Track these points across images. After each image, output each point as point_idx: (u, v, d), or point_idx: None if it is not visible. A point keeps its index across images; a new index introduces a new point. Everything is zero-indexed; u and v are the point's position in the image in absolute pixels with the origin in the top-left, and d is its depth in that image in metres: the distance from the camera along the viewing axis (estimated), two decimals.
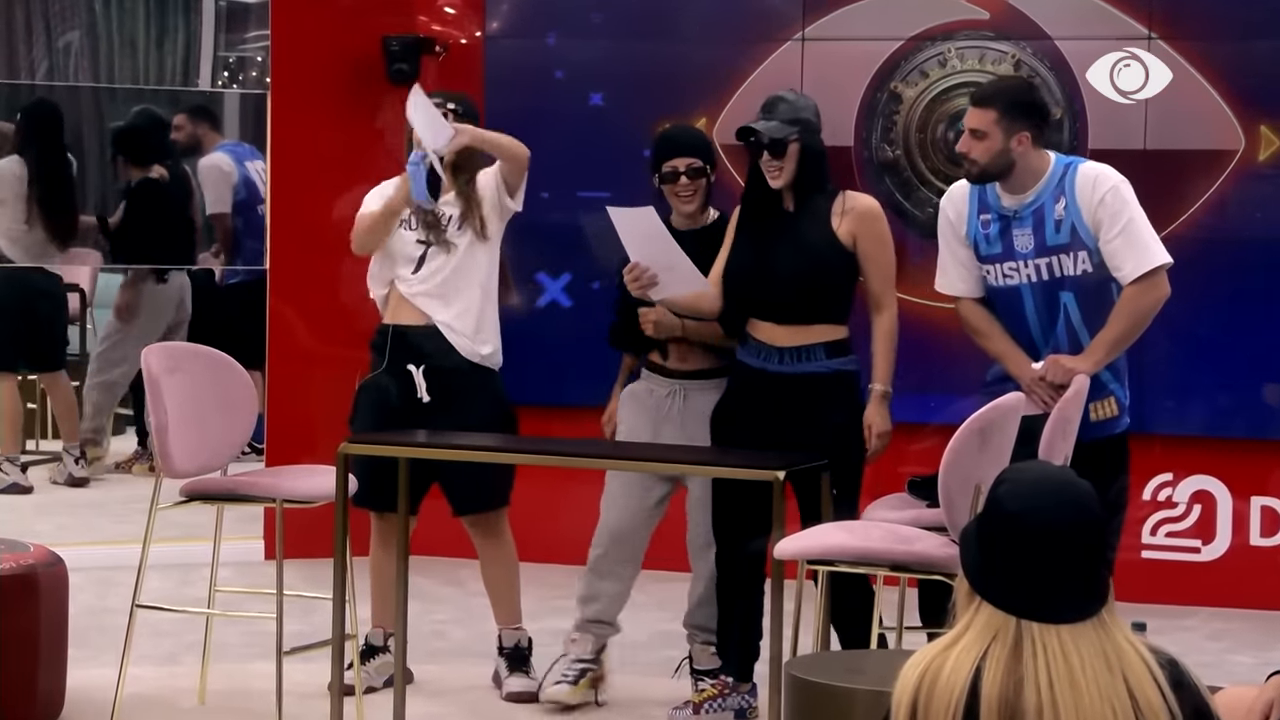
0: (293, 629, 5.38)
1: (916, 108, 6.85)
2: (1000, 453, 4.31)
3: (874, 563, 4.43)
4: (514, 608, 5.49)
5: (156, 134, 8.86)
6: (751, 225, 5.05)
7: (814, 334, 4.96)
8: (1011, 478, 2.33)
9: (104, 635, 5.76)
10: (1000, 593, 2.26)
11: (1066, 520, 2.26)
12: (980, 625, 2.26)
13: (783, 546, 4.41)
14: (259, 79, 9.71)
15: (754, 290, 5.01)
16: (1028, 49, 6.68)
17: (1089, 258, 4.79)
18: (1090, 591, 2.27)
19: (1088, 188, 4.78)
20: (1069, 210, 4.79)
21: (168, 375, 5.00)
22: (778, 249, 4.97)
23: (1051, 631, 2.23)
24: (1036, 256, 4.83)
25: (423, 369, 5.33)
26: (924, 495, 4.73)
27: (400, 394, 5.34)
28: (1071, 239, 4.80)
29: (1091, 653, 2.23)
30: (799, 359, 4.96)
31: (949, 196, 5.02)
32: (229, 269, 9.09)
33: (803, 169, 4.94)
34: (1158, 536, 6.76)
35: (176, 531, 6.19)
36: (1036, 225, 4.82)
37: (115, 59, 10.21)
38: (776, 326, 4.98)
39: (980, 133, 4.79)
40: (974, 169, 4.83)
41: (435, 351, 5.33)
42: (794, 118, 4.96)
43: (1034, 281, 4.84)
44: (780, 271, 4.95)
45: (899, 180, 6.87)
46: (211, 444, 5.09)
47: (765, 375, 4.98)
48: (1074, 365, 4.75)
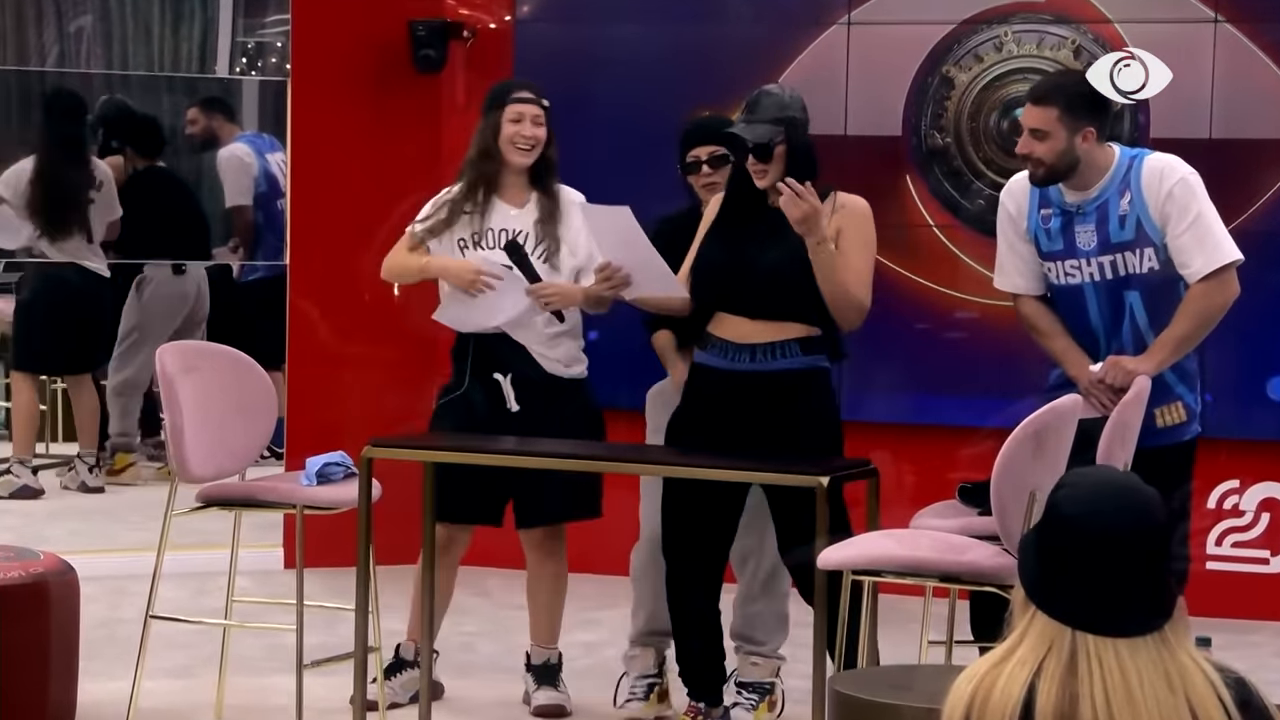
0: (314, 641, 5.40)
1: (969, 94, 6.84)
2: (1056, 458, 4.30)
3: (923, 573, 4.43)
4: (554, 628, 5.50)
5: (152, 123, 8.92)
6: (732, 221, 5.03)
7: (789, 330, 4.95)
8: (1071, 482, 2.33)
9: (116, 647, 5.80)
10: (1056, 602, 2.26)
11: (1128, 527, 2.26)
12: (1035, 637, 2.26)
13: (826, 556, 4.42)
14: (279, 65, 9.75)
15: (728, 284, 4.98)
16: (1088, 34, 6.67)
17: (1155, 255, 4.78)
18: (1152, 604, 2.26)
19: (1154, 181, 4.76)
20: (1134, 205, 4.77)
21: (183, 375, 5.03)
22: (759, 244, 4.95)
23: (1108, 646, 2.23)
24: (1100, 254, 4.81)
25: (510, 377, 5.31)
26: (975, 502, 4.72)
27: (487, 404, 5.32)
28: (1137, 235, 4.78)
29: (1151, 670, 2.22)
30: (771, 356, 4.94)
31: (1008, 190, 5.00)
32: (248, 265, 9.14)
33: (792, 169, 4.91)
34: (1223, 547, 6.73)
35: (192, 539, 6.23)
36: (1100, 221, 4.80)
37: (129, 45, 10.26)
38: (749, 322, 4.95)
39: (1042, 132, 4.76)
40: (1039, 170, 4.79)
41: (522, 362, 5.31)
42: (779, 116, 4.93)
43: (1097, 280, 4.82)
44: (760, 265, 4.93)
45: (948, 169, 6.86)
46: (229, 447, 5.12)
47: (732, 376, 4.95)
48: (1135, 366, 4.74)
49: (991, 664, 2.28)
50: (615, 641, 6.13)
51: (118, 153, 8.78)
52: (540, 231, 5.29)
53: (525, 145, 5.28)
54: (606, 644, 6.14)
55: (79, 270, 8.45)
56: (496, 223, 5.31)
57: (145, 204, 8.68)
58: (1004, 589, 4.29)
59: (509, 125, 5.28)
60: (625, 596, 5.57)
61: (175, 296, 8.78)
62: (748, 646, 5.33)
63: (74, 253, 8.41)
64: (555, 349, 5.32)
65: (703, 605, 5.10)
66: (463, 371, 5.36)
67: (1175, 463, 4.84)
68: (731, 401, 4.94)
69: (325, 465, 5.11)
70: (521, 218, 5.32)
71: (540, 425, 5.26)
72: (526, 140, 5.28)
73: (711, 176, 5.27)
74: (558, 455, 5.09)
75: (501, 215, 5.32)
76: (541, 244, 5.29)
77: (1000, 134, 6.77)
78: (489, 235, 5.31)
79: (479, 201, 5.31)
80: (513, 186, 5.34)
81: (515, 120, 5.28)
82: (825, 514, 4.50)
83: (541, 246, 5.29)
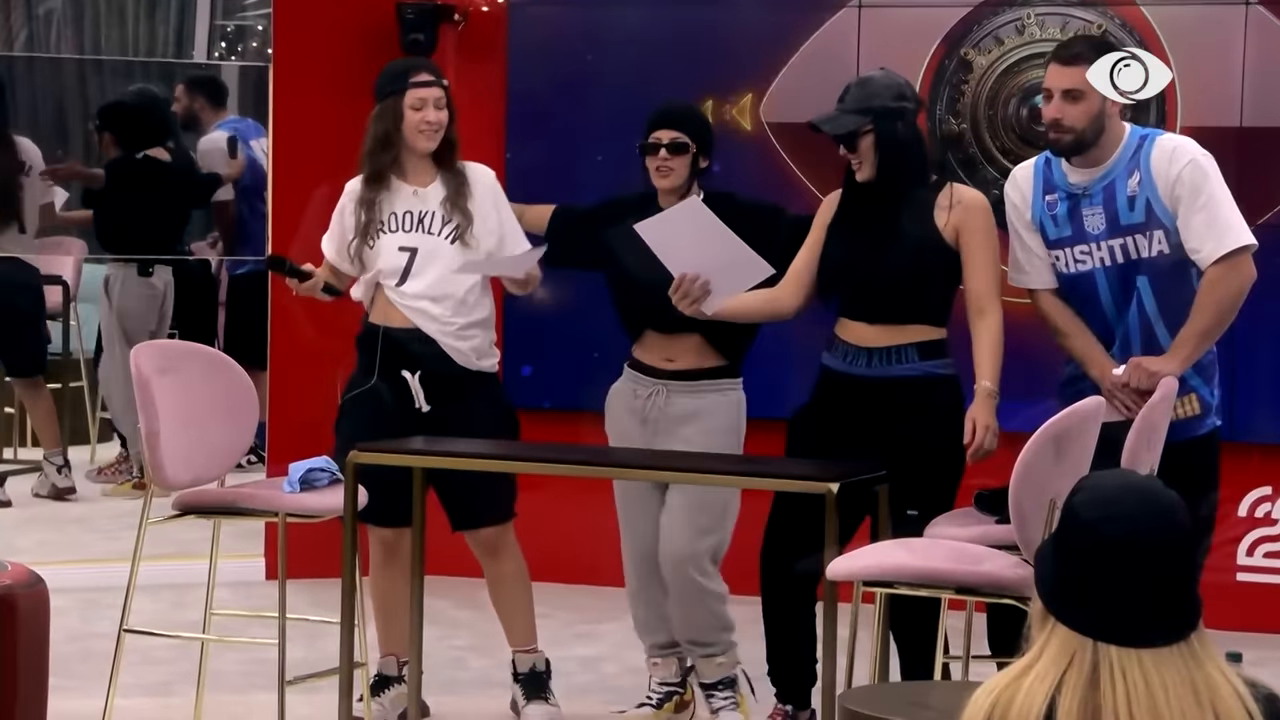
0: (296, 656, 5.41)
1: (988, 78, 6.85)
2: (1078, 463, 4.31)
3: (938, 584, 4.43)
4: (528, 628, 5.53)
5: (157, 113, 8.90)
6: (844, 219, 5.06)
7: (907, 334, 4.97)
8: (1090, 485, 2.33)
9: (89, 663, 5.81)
10: (1075, 612, 2.26)
11: (1149, 531, 2.26)
12: (1055, 650, 2.27)
13: (836, 566, 4.43)
14: (260, 50, 9.76)
15: (845, 287, 5.03)
16: (1115, 19, 6.68)
17: (1165, 238, 4.80)
18: (1177, 613, 2.26)
19: (1164, 161, 4.79)
20: (1144, 186, 4.79)
21: (159, 376, 5.04)
22: (873, 244, 4.97)
23: (1132, 657, 2.23)
24: (1110, 237, 4.83)
25: (419, 375, 5.36)
26: (993, 510, 4.74)
27: (395, 401, 5.37)
28: (1147, 217, 4.80)
29: (1177, 682, 2.23)
30: (888, 361, 4.96)
31: (1012, 180, 5.03)
32: (230, 260, 9.14)
33: (885, 161, 4.93)
34: (1255, 557, 6.74)
35: (169, 549, 6.24)
36: (1107, 202, 4.82)
37: (102, 28, 10.26)
38: (868, 326, 4.99)
39: (1077, 92, 4.76)
40: (1067, 137, 4.80)
41: (431, 357, 5.35)
42: (864, 106, 4.93)
43: (1108, 265, 4.85)
44: (875, 267, 4.96)
45: (963, 157, 6.87)
46: (207, 452, 5.13)
47: (850, 380, 4.99)
48: (1159, 367, 4.75)
49: (1011, 678, 2.28)
50: (615, 655, 6.15)
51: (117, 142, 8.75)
52: (448, 211, 5.35)
53: (430, 131, 5.34)
54: (606, 658, 6.16)
55: (12, 264, 8.43)
56: (400, 205, 5.38)
57: (122, 196, 8.66)
58: (1023, 601, 4.30)
59: (411, 113, 5.34)
60: (624, 608, 5.58)
61: (146, 297, 8.78)
62: (700, 650, 5.36)
63: (6, 245, 8.40)
64: (467, 341, 5.37)
65: (799, 611, 5.11)
66: (370, 365, 5.40)
67: (1197, 459, 4.85)
68: (848, 407, 4.98)
69: (309, 471, 5.12)
70: (425, 196, 5.37)
71: (451, 424, 5.31)
72: (431, 126, 5.33)
73: (667, 161, 5.24)
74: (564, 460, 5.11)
75: (404, 197, 5.37)
76: (449, 224, 5.34)
77: (1019, 122, 6.79)
78: (392, 220, 5.37)
79: (381, 189, 5.38)
80: (415, 169, 5.41)
81: (417, 107, 5.33)
82: (835, 521, 4.51)
83: (450, 226, 5.34)
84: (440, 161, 5.41)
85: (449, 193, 5.37)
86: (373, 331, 5.43)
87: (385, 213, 5.38)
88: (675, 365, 5.32)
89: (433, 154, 5.40)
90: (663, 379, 5.32)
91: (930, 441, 4.92)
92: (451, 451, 5.12)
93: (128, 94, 9.14)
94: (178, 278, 8.82)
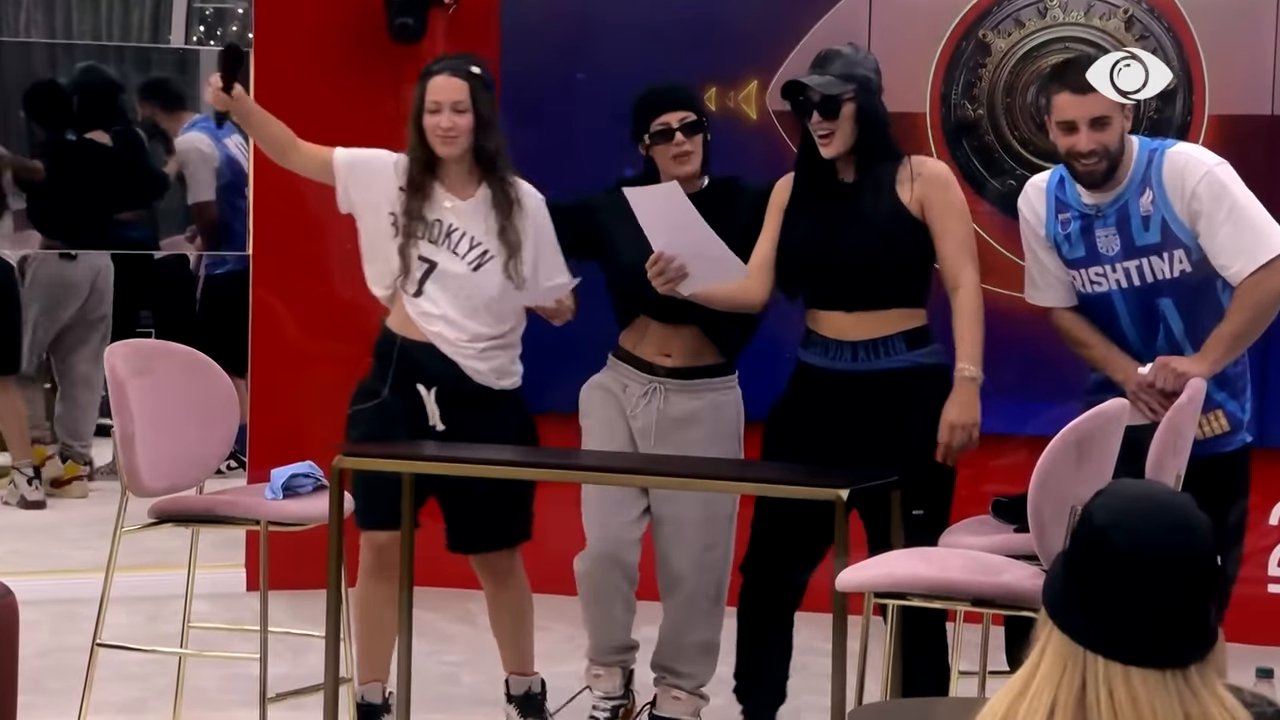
0: (279, 671, 5.42)
1: (1007, 62, 6.85)
2: (1100, 469, 4.31)
3: (953, 596, 4.43)
4: (525, 654, 5.52)
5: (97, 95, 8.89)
6: (805, 201, 5.06)
7: (889, 322, 4.97)
8: (1111, 489, 2.32)
9: (61, 679, 5.81)
10: (1070, 618, 2.25)
11: (1160, 546, 2.24)
12: (1050, 660, 2.26)
13: (846, 577, 4.43)
14: (240, 34, 9.76)
15: (814, 276, 5.02)
16: (1142, 3, 6.68)
17: (1186, 256, 4.78)
18: (1176, 637, 2.23)
19: (1176, 177, 4.76)
20: (1158, 204, 4.77)
21: (135, 378, 5.04)
22: (838, 226, 4.98)
23: (1119, 675, 2.21)
24: (1125, 259, 4.82)
25: (435, 392, 5.31)
26: (1011, 518, 4.74)
27: (408, 417, 5.30)
28: (1163, 237, 4.78)
29: (1166, 710, 2.20)
30: (874, 354, 4.97)
31: (1024, 196, 5.02)
32: (211, 258, 9.13)
33: (860, 135, 4.95)
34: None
35: (145, 558, 6.24)
36: (1121, 223, 4.80)
37: (73, 11, 10.26)
38: (845, 316, 4.99)
39: (1104, 119, 4.74)
40: (1102, 165, 4.77)
41: (448, 375, 5.28)
42: (850, 73, 4.96)
43: (1125, 287, 4.84)
44: (843, 251, 4.96)
45: (978, 145, 6.87)
46: (186, 457, 5.13)
47: (835, 375, 4.99)
48: (1187, 368, 4.75)
49: (1009, 699, 2.28)
50: None
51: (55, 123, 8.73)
52: (484, 236, 5.22)
53: (446, 137, 5.20)
54: None
55: None
56: (433, 212, 5.25)
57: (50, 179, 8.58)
58: None
59: (429, 115, 5.22)
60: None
61: (58, 284, 8.75)
62: (670, 679, 5.35)
63: None
64: (488, 362, 5.30)
65: (777, 625, 5.14)
66: (384, 374, 5.32)
67: (1224, 475, 4.84)
68: (835, 403, 4.98)
69: (292, 477, 5.12)
70: (466, 212, 5.25)
71: (465, 441, 5.24)
72: (446, 132, 5.19)
73: (684, 145, 5.19)
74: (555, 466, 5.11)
75: (439, 205, 5.26)
76: (478, 249, 5.22)
77: (1039, 110, 6.79)
78: (419, 228, 5.24)
79: (421, 189, 5.25)
80: (453, 177, 5.28)
81: (434, 110, 5.20)
82: (845, 529, 4.51)
83: (477, 251, 5.22)
84: (485, 173, 5.27)
85: (491, 216, 5.23)
86: (390, 340, 5.33)
87: (430, 217, 5.25)
88: (672, 361, 5.29)
89: (475, 163, 5.25)
90: (658, 376, 5.30)
91: (923, 437, 4.92)
92: (443, 457, 5.10)
93: (76, 72, 9.12)
94: (120, 268, 8.81)
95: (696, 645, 5.33)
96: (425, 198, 5.24)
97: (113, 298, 8.95)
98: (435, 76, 5.24)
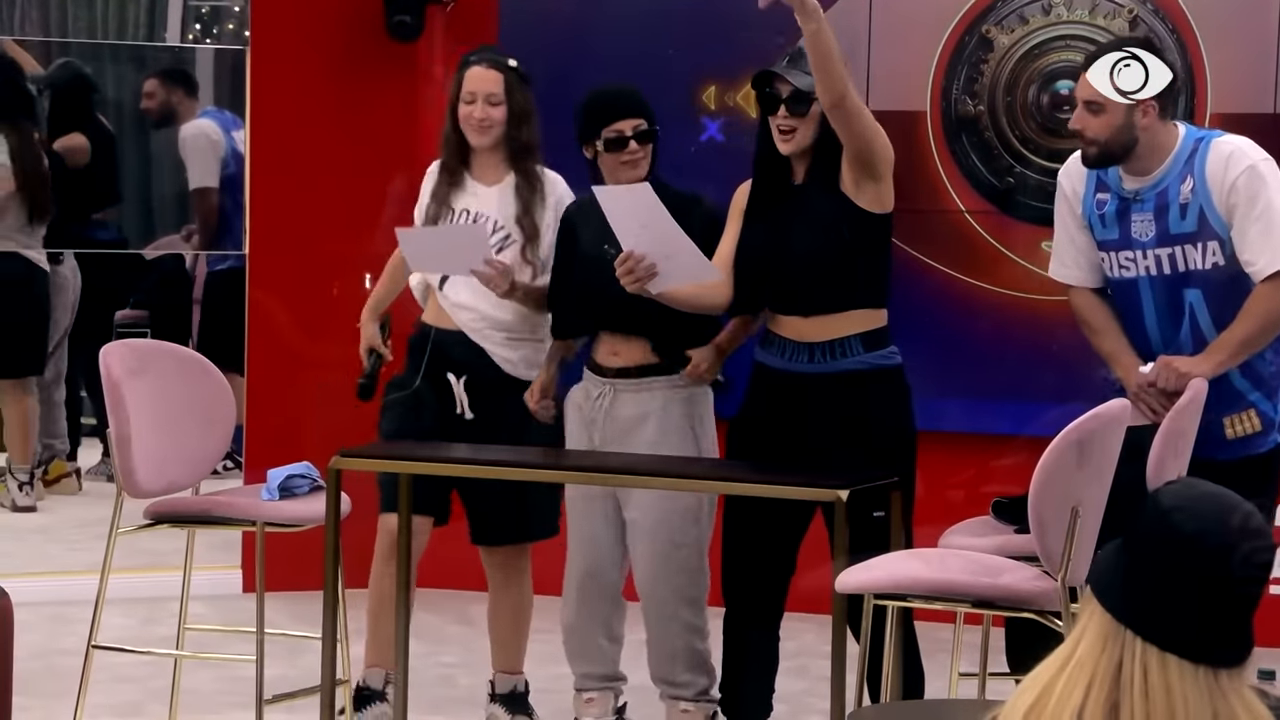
0: (275, 673, 5.42)
1: (1009, 59, 6.85)
2: (1101, 470, 4.32)
3: (953, 597, 4.43)
4: (518, 654, 5.57)
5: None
6: (760, 206, 5.04)
7: (847, 323, 4.95)
8: (1185, 480, 2.35)
9: (56, 681, 5.81)
10: (1115, 594, 2.26)
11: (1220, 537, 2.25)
12: (1091, 637, 2.27)
13: (846, 579, 4.43)
14: (237, 32, 9.75)
15: (770, 280, 5.01)
16: (1147, 3, 6.68)
17: (1220, 249, 4.76)
18: (1216, 635, 2.25)
19: (1219, 167, 4.74)
20: (1197, 193, 4.76)
21: (131, 378, 5.04)
22: (789, 228, 4.96)
23: (1155, 658, 2.24)
24: (1158, 246, 4.80)
25: (464, 381, 5.38)
26: (1011, 519, 4.74)
27: (438, 406, 5.39)
28: (1200, 227, 4.76)
29: (1198, 701, 2.24)
30: (831, 355, 4.95)
31: (1065, 169, 5.00)
32: (209, 256, 9.13)
33: (820, 137, 4.92)
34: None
35: (141, 560, 6.24)
36: (1159, 210, 4.79)
37: (68, 8, 10.26)
38: (802, 320, 4.98)
39: (1097, 105, 4.75)
40: (1092, 150, 4.79)
41: (477, 364, 5.38)
42: None
43: (1154, 275, 4.81)
44: (794, 254, 4.95)
45: (977, 141, 6.87)
46: (181, 458, 5.14)
47: (794, 377, 4.98)
48: (1189, 368, 4.74)
49: (1053, 671, 2.30)
50: None
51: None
52: (508, 220, 5.34)
53: (481, 127, 5.34)
54: None
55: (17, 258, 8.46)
56: (460, 202, 5.39)
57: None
58: (1044, 615, 4.31)
59: (463, 105, 5.36)
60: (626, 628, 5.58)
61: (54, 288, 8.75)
62: (671, 690, 5.31)
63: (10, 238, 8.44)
64: (516, 350, 5.40)
65: (761, 637, 5.13)
66: (417, 365, 5.44)
67: (1254, 481, 4.75)
68: (792, 405, 4.97)
69: (289, 478, 5.13)
70: (490, 197, 5.37)
71: (494, 429, 5.33)
72: (479, 122, 5.34)
73: (636, 153, 5.17)
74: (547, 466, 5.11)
75: (469, 194, 5.39)
76: (500, 232, 5.33)
77: (1040, 109, 6.80)
78: (449, 216, 5.38)
79: (453, 174, 5.40)
80: (482, 165, 5.41)
81: (468, 100, 5.35)
82: (845, 531, 4.52)
83: (500, 235, 5.33)
84: (514, 162, 5.38)
85: (515, 201, 5.34)
86: (424, 332, 5.47)
87: (457, 205, 5.39)
88: (620, 361, 5.25)
89: (506, 153, 5.37)
90: (608, 378, 5.28)
91: (881, 438, 4.92)
92: (440, 457, 5.11)
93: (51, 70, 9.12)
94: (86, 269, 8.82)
95: (683, 651, 5.27)
96: (455, 185, 5.39)
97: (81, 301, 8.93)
98: (472, 67, 5.38)
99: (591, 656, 5.37)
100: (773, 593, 5.08)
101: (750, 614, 5.10)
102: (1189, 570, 2.26)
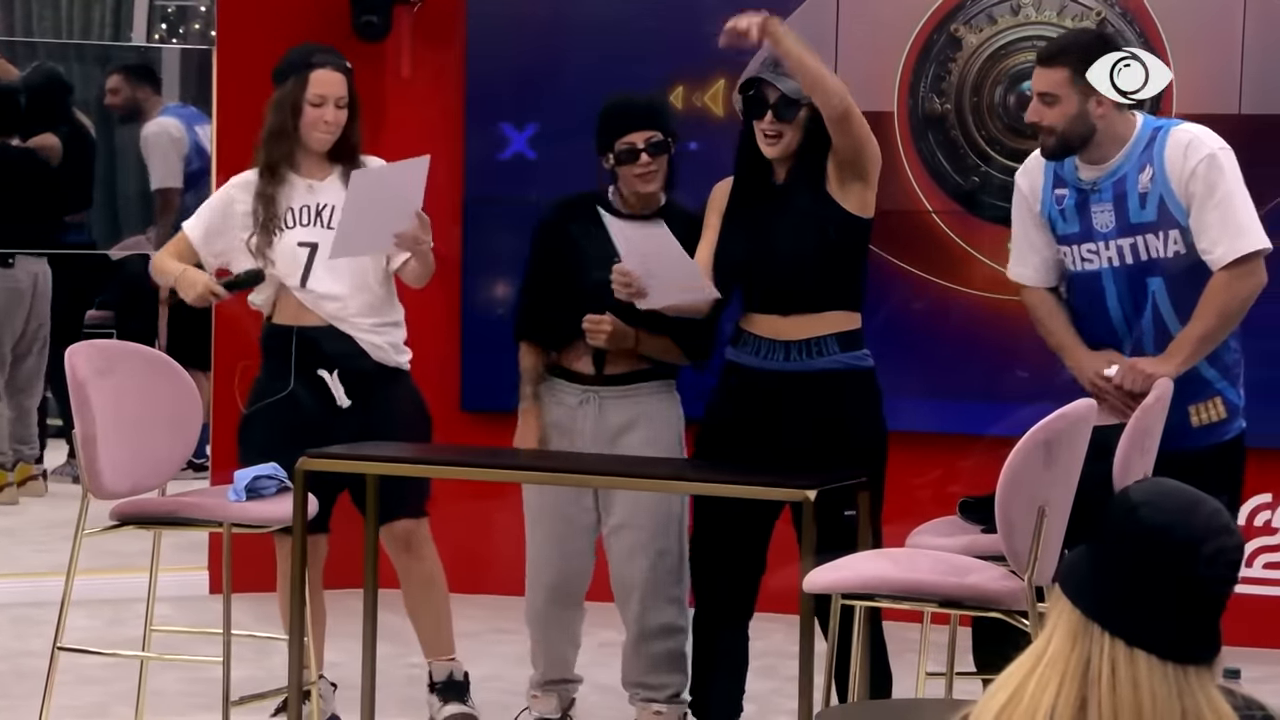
0: (242, 675, 5.41)
1: (976, 58, 6.88)
2: (1068, 470, 4.33)
3: (921, 597, 4.45)
4: (445, 636, 5.57)
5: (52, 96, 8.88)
6: (741, 205, 5.06)
7: (825, 323, 4.98)
8: (1155, 479, 2.37)
9: (21, 682, 5.80)
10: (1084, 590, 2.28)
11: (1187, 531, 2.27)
12: (1061, 635, 2.29)
13: (814, 578, 4.44)
14: (203, 32, 9.75)
15: (750, 279, 5.03)
16: (1115, 7, 6.71)
17: (1181, 237, 4.80)
18: (1183, 632, 2.27)
19: (1178, 155, 4.78)
20: (1157, 182, 4.79)
21: (97, 378, 5.03)
22: (772, 228, 4.98)
23: (1123, 654, 2.25)
24: (1119, 236, 4.84)
25: (337, 373, 5.40)
26: (978, 519, 4.76)
27: (314, 402, 5.40)
28: (1160, 216, 4.80)
29: (1165, 698, 2.25)
30: (807, 354, 4.98)
31: (1023, 169, 5.04)
32: None
33: (806, 142, 4.95)
34: (1254, 568, 6.77)
35: (106, 561, 6.23)
36: (1118, 199, 4.83)
37: (33, 7, 10.23)
38: (780, 319, 5.00)
39: (1051, 96, 4.79)
40: (1049, 140, 4.82)
41: (349, 354, 5.40)
42: None
43: (1116, 265, 4.85)
44: (778, 254, 4.97)
45: (943, 139, 6.89)
46: (148, 459, 5.13)
47: (764, 375, 5.00)
48: (1155, 369, 4.76)
49: (1025, 671, 2.31)
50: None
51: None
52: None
53: (327, 130, 5.39)
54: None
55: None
56: (296, 200, 5.40)
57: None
58: (1011, 615, 4.33)
59: (310, 109, 5.38)
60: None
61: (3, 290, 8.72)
62: (644, 693, 5.34)
63: None
64: (384, 336, 5.44)
65: (731, 636, 5.14)
66: (284, 367, 5.41)
67: (1222, 467, 4.83)
68: (766, 404, 4.98)
69: (255, 479, 5.13)
70: (328, 189, 5.40)
71: (373, 419, 5.36)
72: (329, 126, 5.38)
73: (650, 165, 5.15)
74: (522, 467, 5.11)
75: (299, 191, 5.41)
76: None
77: (1006, 109, 6.81)
78: (289, 215, 5.39)
79: (276, 177, 5.40)
80: (310, 163, 5.45)
81: (317, 103, 5.37)
82: (813, 531, 4.53)
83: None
84: (338, 160, 5.44)
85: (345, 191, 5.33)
86: (282, 333, 5.43)
87: (282, 208, 5.39)
88: (608, 369, 5.25)
89: (334, 151, 5.43)
90: (593, 385, 5.28)
91: (856, 438, 4.95)
92: (409, 459, 5.12)
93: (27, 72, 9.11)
94: (57, 271, 8.80)
95: (662, 654, 5.29)
96: (281, 183, 5.40)
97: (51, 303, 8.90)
98: (317, 70, 5.40)
99: (556, 661, 5.42)
100: (744, 591, 5.10)
101: (722, 613, 5.11)
102: (1156, 565, 2.27)
